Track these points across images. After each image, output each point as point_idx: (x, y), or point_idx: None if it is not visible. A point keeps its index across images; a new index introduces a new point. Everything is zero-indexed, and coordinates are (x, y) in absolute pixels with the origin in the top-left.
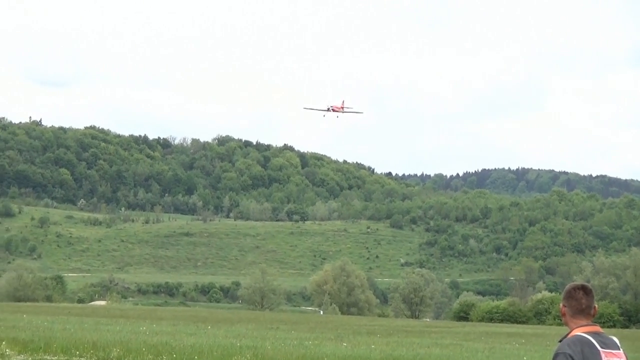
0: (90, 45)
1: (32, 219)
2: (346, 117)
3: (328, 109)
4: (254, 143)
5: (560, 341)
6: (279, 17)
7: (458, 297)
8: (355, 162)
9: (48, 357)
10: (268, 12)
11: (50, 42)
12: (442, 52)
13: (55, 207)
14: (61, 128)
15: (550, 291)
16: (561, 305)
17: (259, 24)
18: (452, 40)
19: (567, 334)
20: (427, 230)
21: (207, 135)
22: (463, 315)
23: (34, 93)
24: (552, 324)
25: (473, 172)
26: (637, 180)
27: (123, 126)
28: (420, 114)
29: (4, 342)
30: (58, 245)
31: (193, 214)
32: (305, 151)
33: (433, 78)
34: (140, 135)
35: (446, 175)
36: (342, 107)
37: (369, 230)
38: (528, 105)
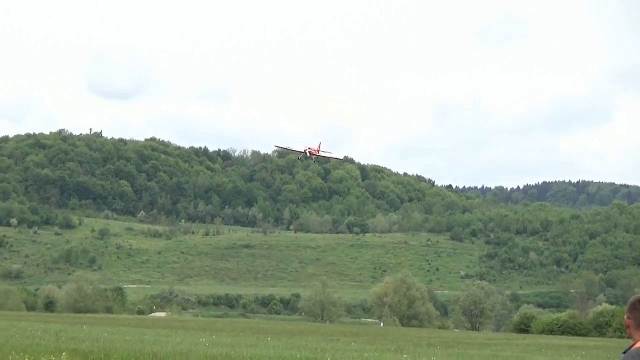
0: (151, 58)
1: (93, 230)
2: (407, 131)
3: (305, 151)
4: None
5: (624, 352)
6: (343, 30)
7: (518, 310)
8: (415, 174)
9: None
10: (332, 24)
11: (112, 55)
12: (505, 67)
13: (115, 219)
14: (122, 140)
15: (611, 304)
16: (625, 317)
17: (322, 36)
18: (515, 55)
19: (632, 346)
20: (488, 242)
21: (267, 148)
22: (524, 328)
23: (95, 105)
24: (613, 337)
25: (534, 184)
26: None
27: (183, 138)
28: (481, 128)
29: (64, 354)
30: (118, 257)
31: (253, 227)
32: (366, 164)
33: (495, 93)
34: (200, 148)
35: (507, 188)
36: (319, 150)
37: (429, 242)
38: (589, 119)
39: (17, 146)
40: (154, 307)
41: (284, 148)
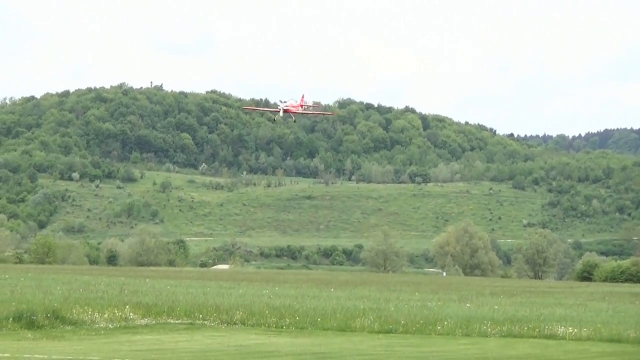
0: (211, 10)
1: (154, 183)
2: (468, 80)
3: (279, 110)
4: (376, 106)
5: None
6: None
7: (581, 258)
8: (476, 123)
9: (172, 321)
10: None
11: (173, 8)
12: (568, 16)
13: (176, 172)
14: (182, 93)
15: None
16: None
17: None
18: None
19: None
20: (550, 191)
21: (328, 98)
22: (586, 276)
23: (155, 58)
24: None
25: (595, 132)
26: None
27: (244, 90)
28: (543, 76)
29: (127, 307)
30: (180, 210)
31: (315, 177)
32: (427, 113)
33: (557, 41)
34: (261, 99)
35: (568, 136)
36: (301, 105)
37: (491, 191)
38: None
39: (78, 100)
40: (216, 260)
41: (251, 108)
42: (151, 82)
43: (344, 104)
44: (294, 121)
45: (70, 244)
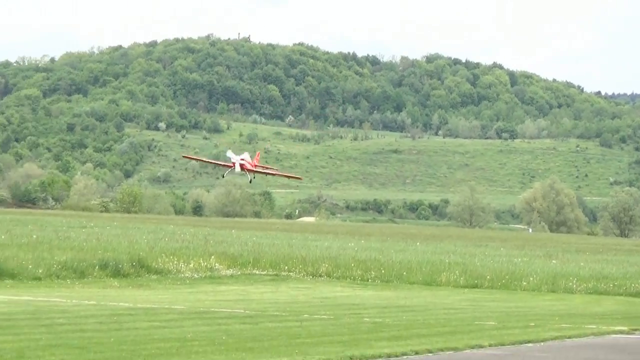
0: None
1: (241, 135)
2: (556, 36)
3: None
4: (463, 61)
5: None
6: None
7: None
8: (564, 80)
9: (257, 272)
10: None
11: None
12: None
13: (263, 123)
14: (270, 44)
15: None
16: None
17: None
18: None
19: None
20: (637, 149)
21: (416, 53)
22: None
23: (243, 10)
24: None
25: None
26: None
27: (332, 43)
28: (632, 34)
29: (213, 257)
30: (266, 161)
31: (402, 131)
32: (515, 69)
33: None
34: (349, 52)
35: None
36: (255, 166)
37: (578, 148)
38: None
39: (166, 50)
40: (301, 212)
41: (192, 158)
42: (239, 34)
43: (431, 59)
44: (250, 181)
45: (156, 193)
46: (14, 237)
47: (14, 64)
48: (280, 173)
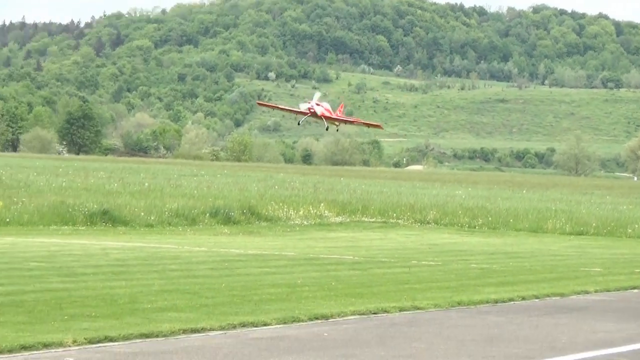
0: None
1: (349, 84)
2: None
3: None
4: (569, 11)
5: None
6: None
7: None
8: None
9: (366, 219)
10: None
11: None
12: None
13: (371, 73)
14: None
15: None
16: None
17: None
18: None
19: None
20: None
21: (522, 4)
22: None
23: None
24: None
25: None
26: None
27: None
28: None
29: (322, 204)
30: (375, 111)
31: (508, 81)
32: (621, 20)
33: None
34: (456, 3)
35: None
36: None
37: None
38: None
39: (275, 1)
40: (409, 160)
41: (266, 105)
42: None
43: (537, 9)
44: (327, 129)
45: (266, 142)
46: (127, 185)
47: (126, 16)
48: (361, 121)
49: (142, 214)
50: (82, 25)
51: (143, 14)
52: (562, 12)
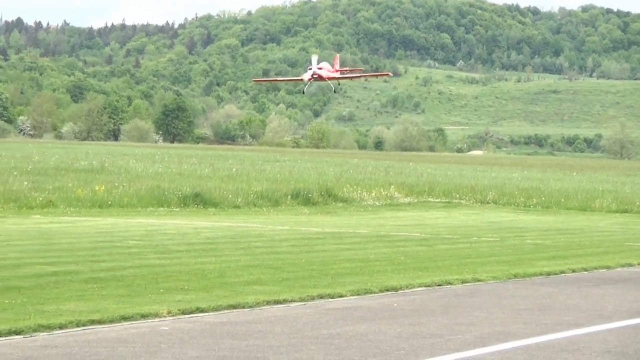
0: None
1: (417, 78)
2: None
3: (312, 77)
4: (615, 10)
5: None
6: None
7: None
8: None
9: (431, 200)
10: None
11: None
12: None
13: (436, 68)
14: None
15: None
16: None
17: None
18: None
19: None
20: None
21: (572, 3)
22: None
23: None
24: None
25: None
26: None
27: None
28: None
29: (392, 186)
30: (439, 102)
31: (559, 74)
32: None
33: None
34: (512, 4)
35: None
36: (336, 71)
37: None
38: None
39: (350, 3)
40: (470, 146)
41: (262, 80)
42: None
43: (586, 8)
44: (334, 91)
45: (342, 130)
46: (216, 170)
47: (215, 17)
48: (367, 74)
49: (230, 196)
50: (176, 26)
51: (231, 15)
52: (609, 11)
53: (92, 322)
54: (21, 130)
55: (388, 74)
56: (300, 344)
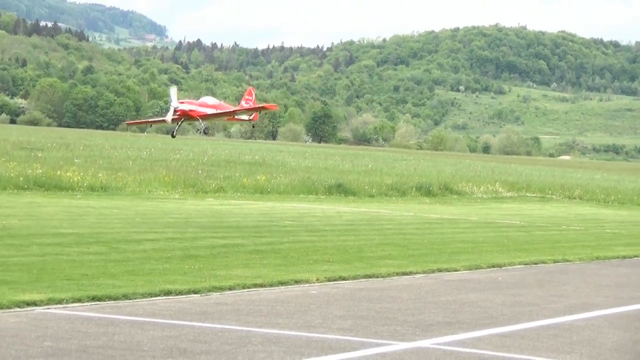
0: None
1: (518, 96)
2: None
3: (176, 114)
4: None
5: None
6: None
7: None
8: None
9: (529, 195)
10: None
11: None
12: None
13: (534, 88)
14: (540, 31)
15: None
16: None
17: None
18: None
19: None
20: None
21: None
22: None
23: (523, 5)
24: None
25: None
26: None
27: (586, 30)
28: None
29: (497, 183)
30: (536, 115)
31: (634, 95)
32: None
33: None
34: (598, 37)
35: None
36: (242, 105)
37: None
38: None
39: (465, 34)
40: (560, 152)
41: (134, 123)
42: (518, 23)
43: None
44: (204, 131)
45: (456, 137)
46: (355, 166)
47: (357, 42)
48: (246, 107)
49: (366, 187)
50: (324, 49)
51: (369, 41)
52: None
53: (255, 285)
54: (197, 130)
55: (275, 108)
56: (423, 307)
